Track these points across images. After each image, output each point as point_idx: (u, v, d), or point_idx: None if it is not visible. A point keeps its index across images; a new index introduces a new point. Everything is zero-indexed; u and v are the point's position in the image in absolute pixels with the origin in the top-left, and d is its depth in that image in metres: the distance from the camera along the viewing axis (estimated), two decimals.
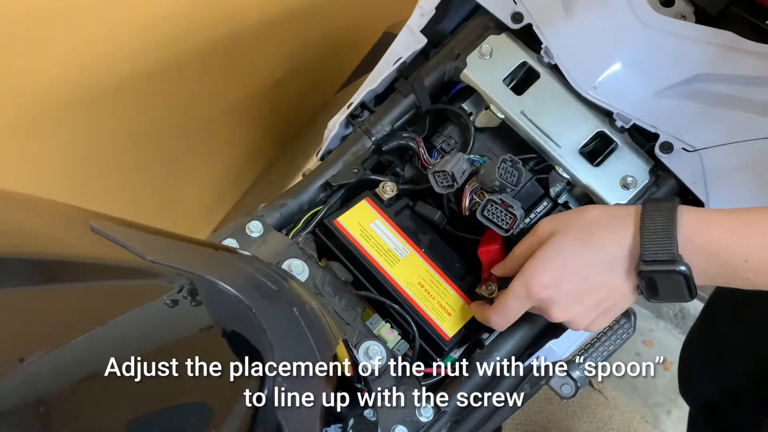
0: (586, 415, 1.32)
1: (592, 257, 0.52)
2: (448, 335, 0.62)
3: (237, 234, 0.62)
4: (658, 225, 0.49)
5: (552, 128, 0.66)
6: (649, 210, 0.50)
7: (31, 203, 0.39)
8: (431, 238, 0.70)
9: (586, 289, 0.52)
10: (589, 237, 0.52)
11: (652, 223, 0.49)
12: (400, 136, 0.71)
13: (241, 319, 0.38)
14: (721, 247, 0.48)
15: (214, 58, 1.06)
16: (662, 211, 0.49)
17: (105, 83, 0.90)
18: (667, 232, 0.48)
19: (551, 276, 0.53)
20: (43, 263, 0.34)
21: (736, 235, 0.47)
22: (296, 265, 0.61)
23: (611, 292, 0.52)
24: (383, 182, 0.69)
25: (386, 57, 0.72)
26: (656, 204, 0.50)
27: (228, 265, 0.45)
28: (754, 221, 0.47)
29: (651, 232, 0.49)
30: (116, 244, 0.37)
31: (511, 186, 0.63)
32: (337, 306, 0.61)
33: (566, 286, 0.53)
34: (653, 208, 0.50)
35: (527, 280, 0.54)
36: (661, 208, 0.50)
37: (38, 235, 0.37)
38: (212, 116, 1.13)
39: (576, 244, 0.53)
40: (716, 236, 0.48)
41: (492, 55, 0.69)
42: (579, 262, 0.52)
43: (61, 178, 0.93)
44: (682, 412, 1.33)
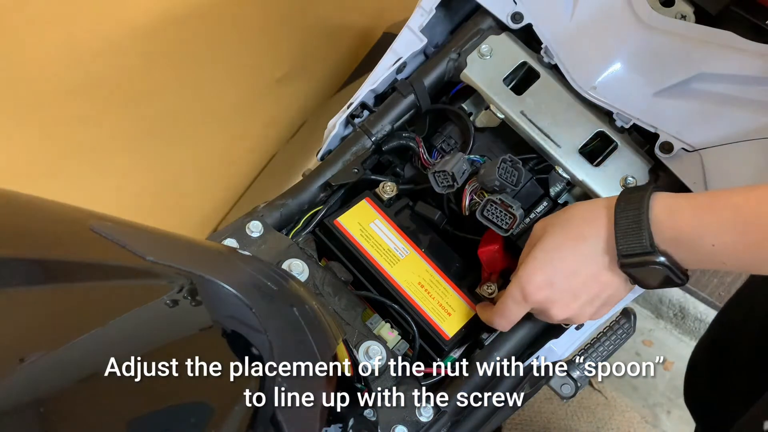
0: (586, 415, 1.32)
1: (578, 252, 0.52)
2: (448, 335, 0.62)
3: (237, 234, 0.62)
4: (630, 218, 0.49)
5: (552, 128, 0.66)
6: (622, 203, 0.50)
7: (30, 203, 0.39)
8: (431, 238, 0.70)
9: (579, 284, 0.53)
10: (572, 233, 0.53)
11: (624, 217, 0.49)
12: (400, 136, 0.71)
13: (241, 319, 0.38)
14: (687, 234, 0.48)
15: (215, 57, 1.06)
16: (634, 203, 0.49)
17: (104, 80, 0.90)
18: (639, 224, 0.48)
19: (542, 276, 0.53)
20: (43, 263, 0.34)
21: (700, 221, 0.47)
22: (296, 265, 0.61)
23: (604, 285, 0.53)
24: (383, 182, 0.69)
25: (386, 57, 0.72)
26: (629, 196, 0.50)
27: (228, 265, 0.45)
28: (715, 206, 0.47)
29: (623, 226, 0.49)
30: (116, 244, 0.37)
31: (510, 186, 0.63)
32: (337, 306, 0.61)
33: (559, 284, 0.53)
34: (626, 200, 0.50)
35: (522, 284, 0.55)
36: (633, 200, 0.50)
37: (38, 235, 0.37)
38: (212, 116, 1.13)
39: (560, 241, 0.53)
40: (681, 224, 0.48)
41: (492, 55, 0.69)
42: (566, 259, 0.53)
43: (60, 177, 0.93)
44: (682, 412, 1.33)
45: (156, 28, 0.93)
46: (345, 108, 0.71)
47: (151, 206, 1.11)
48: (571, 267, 0.52)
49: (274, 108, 1.24)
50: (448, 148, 0.72)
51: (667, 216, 0.48)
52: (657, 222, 0.48)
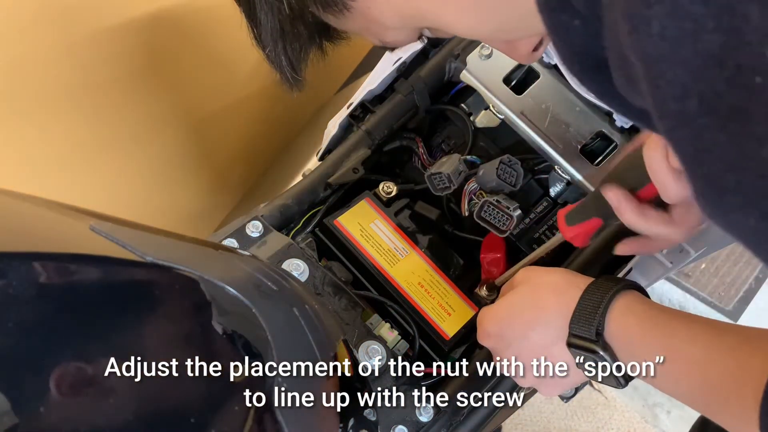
0: (586, 415, 1.32)
1: (535, 319, 0.52)
2: (448, 335, 0.62)
3: (237, 234, 0.62)
4: (591, 303, 0.49)
5: (552, 128, 0.66)
6: (592, 287, 0.50)
7: (30, 203, 0.39)
8: (431, 238, 0.70)
9: (526, 348, 0.52)
10: (539, 299, 0.52)
11: (588, 300, 0.49)
12: (400, 136, 0.71)
13: (241, 318, 0.38)
14: (629, 337, 0.47)
15: (215, 56, 1.06)
16: (601, 290, 0.49)
17: (103, 80, 0.90)
18: (595, 310, 0.48)
19: (496, 328, 0.53)
20: (43, 263, 0.34)
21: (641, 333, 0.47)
22: (296, 265, 0.61)
23: (552, 358, 0.52)
24: (383, 182, 0.69)
25: (386, 57, 0.72)
26: (602, 283, 0.50)
27: (228, 265, 0.45)
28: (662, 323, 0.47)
29: (582, 307, 0.49)
30: (116, 243, 0.37)
31: (509, 186, 0.63)
32: (337, 306, 0.61)
33: (507, 340, 0.53)
34: (596, 286, 0.50)
35: (479, 324, 0.55)
36: (601, 288, 0.50)
37: (38, 234, 0.37)
38: (212, 116, 1.13)
39: (525, 303, 0.53)
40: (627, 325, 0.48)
41: (492, 55, 0.69)
42: (522, 320, 0.52)
43: (59, 177, 0.93)
44: (681, 412, 1.33)
45: (156, 29, 0.93)
46: (345, 108, 0.71)
47: (151, 206, 1.11)
48: (523, 329, 0.52)
49: (274, 108, 1.24)
50: (447, 148, 0.72)
51: (621, 314, 0.48)
52: (611, 316, 0.48)
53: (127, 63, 0.93)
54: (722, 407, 0.42)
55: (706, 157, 0.27)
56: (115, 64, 0.91)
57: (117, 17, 0.89)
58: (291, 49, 0.45)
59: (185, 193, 1.18)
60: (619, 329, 0.48)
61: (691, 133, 0.27)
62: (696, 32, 0.25)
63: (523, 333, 0.52)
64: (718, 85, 0.25)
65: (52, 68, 0.84)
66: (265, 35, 0.45)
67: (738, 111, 0.26)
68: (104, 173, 1.00)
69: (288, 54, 0.46)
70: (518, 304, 0.53)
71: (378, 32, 0.45)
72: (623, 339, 0.47)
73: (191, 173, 1.17)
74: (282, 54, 0.46)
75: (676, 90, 0.26)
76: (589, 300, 0.49)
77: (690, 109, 0.26)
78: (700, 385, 0.43)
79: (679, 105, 0.27)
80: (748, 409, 0.38)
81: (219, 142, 1.18)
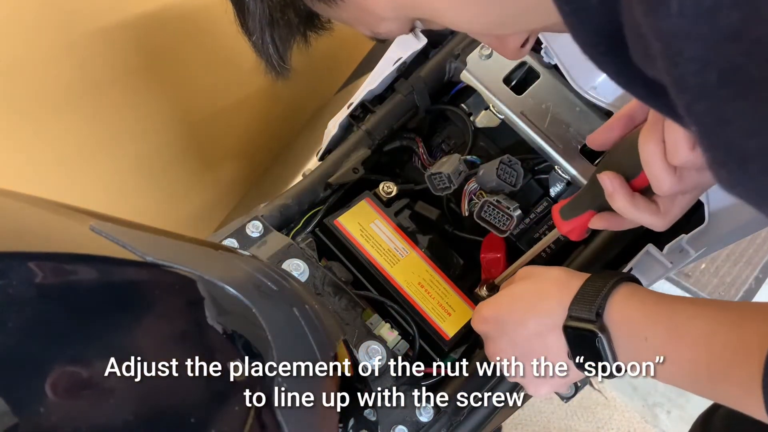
0: (586, 415, 1.32)
1: (535, 304, 0.52)
2: (448, 335, 0.62)
3: (237, 234, 0.62)
4: (593, 288, 0.50)
5: (552, 128, 0.66)
6: (594, 276, 0.51)
7: (30, 203, 0.39)
8: (431, 238, 0.70)
9: (521, 335, 0.52)
10: (541, 288, 0.53)
11: (590, 285, 0.50)
12: (400, 136, 0.71)
13: (241, 319, 0.38)
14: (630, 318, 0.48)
15: (214, 56, 1.06)
16: (603, 279, 0.50)
17: (102, 80, 0.90)
18: (597, 293, 0.49)
19: (494, 312, 0.54)
20: (43, 263, 0.34)
21: (644, 313, 0.48)
22: (296, 265, 0.61)
23: (547, 348, 0.52)
24: (383, 182, 0.69)
25: (386, 57, 0.72)
26: (605, 273, 0.51)
27: (228, 265, 0.45)
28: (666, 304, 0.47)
29: (584, 292, 0.50)
30: (116, 244, 0.37)
31: (509, 186, 0.63)
32: (337, 306, 0.61)
33: (503, 325, 0.53)
34: (599, 275, 0.51)
35: (476, 311, 0.55)
36: (604, 276, 0.50)
37: (38, 234, 0.37)
38: (212, 116, 1.13)
39: (527, 290, 0.53)
40: (630, 308, 0.48)
41: (492, 55, 0.69)
42: (523, 305, 0.53)
43: (59, 177, 0.93)
44: (681, 412, 1.33)
45: (156, 28, 0.93)
46: (345, 108, 0.71)
47: (151, 206, 1.11)
48: (521, 317, 0.52)
49: (274, 108, 1.24)
50: (447, 148, 0.72)
51: (622, 299, 0.49)
52: (611, 301, 0.49)
53: (127, 62, 0.93)
54: (726, 379, 0.43)
55: (727, 128, 0.28)
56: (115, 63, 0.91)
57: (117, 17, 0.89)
58: (278, 37, 0.45)
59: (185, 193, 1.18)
60: (621, 311, 0.48)
61: (711, 105, 0.27)
62: (714, 8, 0.25)
63: (522, 319, 0.52)
64: (738, 58, 0.26)
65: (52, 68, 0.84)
66: (252, 23, 0.44)
67: (758, 81, 0.26)
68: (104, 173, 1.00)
69: (275, 42, 0.45)
70: (520, 292, 0.53)
71: (370, 23, 0.44)
72: (624, 320, 0.48)
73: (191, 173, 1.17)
74: (270, 42, 0.45)
75: (695, 65, 0.27)
76: (591, 286, 0.50)
77: (710, 82, 0.27)
78: (706, 360, 0.44)
79: (698, 79, 0.27)
80: (752, 380, 0.39)
81: (219, 141, 1.18)
